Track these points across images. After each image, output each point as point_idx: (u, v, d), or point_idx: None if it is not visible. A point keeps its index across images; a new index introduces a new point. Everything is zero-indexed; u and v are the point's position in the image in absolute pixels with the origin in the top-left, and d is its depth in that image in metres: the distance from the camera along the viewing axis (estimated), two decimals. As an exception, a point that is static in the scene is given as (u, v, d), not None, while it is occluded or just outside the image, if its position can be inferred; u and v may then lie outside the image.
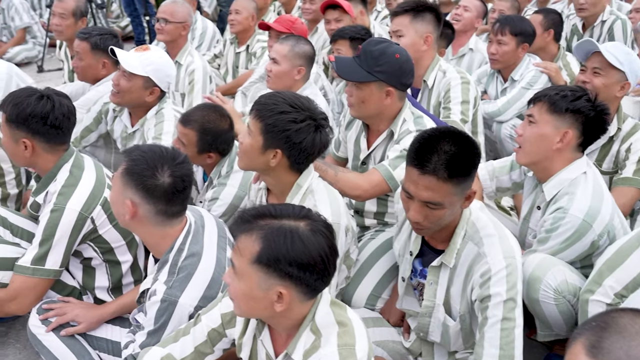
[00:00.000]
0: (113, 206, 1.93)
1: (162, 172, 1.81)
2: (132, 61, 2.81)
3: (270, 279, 1.46)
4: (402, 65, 2.40)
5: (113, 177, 1.91)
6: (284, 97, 2.07)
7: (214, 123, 2.52)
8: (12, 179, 3.15)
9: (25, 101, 2.23)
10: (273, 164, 2.06)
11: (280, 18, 3.88)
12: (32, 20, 6.64)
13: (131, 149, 1.89)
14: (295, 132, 2.01)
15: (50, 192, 2.30)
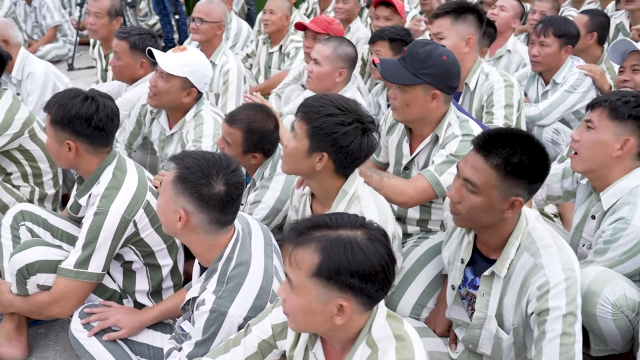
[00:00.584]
0: (162, 215, 1.89)
1: (217, 180, 1.77)
2: (169, 62, 2.78)
3: (331, 291, 1.41)
4: (449, 67, 2.34)
5: (162, 185, 1.87)
6: (331, 100, 2.02)
7: (260, 123, 2.47)
8: (50, 179, 3.15)
9: (70, 102, 2.21)
10: (318, 168, 2.02)
11: (317, 19, 3.82)
12: (63, 19, 6.68)
13: (182, 155, 1.84)
14: (343, 135, 1.97)
15: (94, 195, 2.28)
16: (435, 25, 2.93)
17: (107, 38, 4.16)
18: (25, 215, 2.54)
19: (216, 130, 2.89)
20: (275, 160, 2.59)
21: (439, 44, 2.42)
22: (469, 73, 3.00)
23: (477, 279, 2.00)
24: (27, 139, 3.00)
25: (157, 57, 2.78)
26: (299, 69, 4.12)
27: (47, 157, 3.10)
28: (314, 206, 2.23)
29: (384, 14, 4.10)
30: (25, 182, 3.09)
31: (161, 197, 1.87)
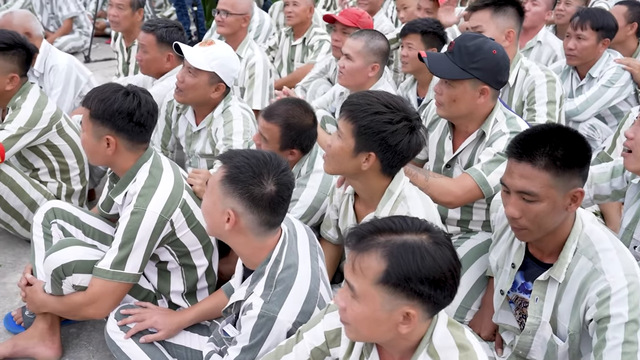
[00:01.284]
0: (208, 216, 1.82)
1: (268, 180, 1.71)
2: (197, 56, 2.71)
3: (397, 299, 1.35)
4: (499, 61, 2.26)
5: (209, 185, 1.81)
6: (378, 97, 1.95)
7: (298, 118, 2.40)
8: (77, 174, 3.11)
9: (112, 97, 2.16)
10: (365, 168, 1.96)
11: (346, 11, 3.74)
12: (79, 10, 6.60)
13: (230, 154, 1.77)
14: (391, 134, 1.90)
15: (130, 193, 2.22)
16: (474, 18, 2.85)
17: (129, 30, 4.10)
18: (57, 213, 2.49)
19: (246, 127, 2.83)
20: (313, 157, 2.53)
21: (487, 37, 2.33)
22: None
23: (529, 284, 1.93)
24: (54, 134, 2.94)
25: (185, 52, 2.71)
26: (325, 62, 4.04)
27: (74, 153, 3.05)
28: (357, 206, 2.16)
29: (425, 6, 3.97)
30: (52, 178, 3.03)
31: (207, 197, 1.80)
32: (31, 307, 2.35)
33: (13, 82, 2.84)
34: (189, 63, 2.72)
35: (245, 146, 2.80)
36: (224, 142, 2.80)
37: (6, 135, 2.75)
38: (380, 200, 2.03)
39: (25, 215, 2.93)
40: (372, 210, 2.08)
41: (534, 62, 2.94)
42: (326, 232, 2.42)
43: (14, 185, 2.84)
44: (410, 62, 3.41)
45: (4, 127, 2.77)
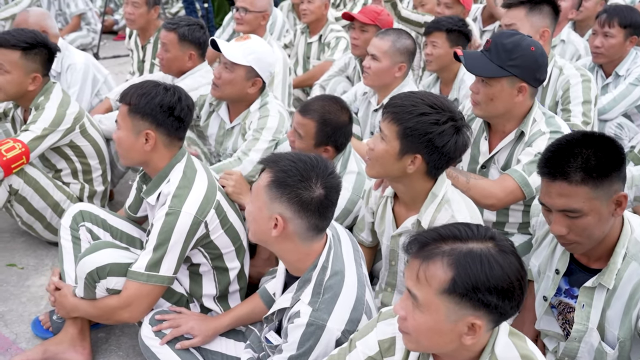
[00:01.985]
0: (254, 222, 1.77)
1: (317, 184, 1.66)
2: (233, 51, 2.67)
3: (463, 309, 1.31)
4: (538, 58, 2.23)
5: (254, 190, 1.76)
6: (422, 98, 1.91)
7: (334, 114, 2.36)
8: (99, 175, 3.06)
9: (152, 91, 2.13)
10: (410, 171, 1.92)
11: (365, 9, 3.69)
12: (87, 7, 6.54)
13: (275, 158, 1.73)
14: (438, 135, 1.86)
15: (164, 194, 2.18)
16: (508, 15, 2.80)
17: (144, 28, 4.05)
18: (85, 216, 2.45)
19: (280, 126, 2.78)
20: (346, 158, 2.49)
21: (524, 34, 2.29)
22: None
23: (574, 289, 1.89)
24: (78, 134, 2.90)
25: (221, 47, 2.66)
26: (343, 60, 3.99)
27: (97, 153, 3.00)
28: (397, 209, 2.12)
29: (445, 1, 3.94)
30: (75, 179, 2.99)
31: (253, 203, 1.76)
32: (61, 312, 2.31)
33: (35, 82, 2.79)
34: (225, 58, 2.68)
35: (272, 144, 2.76)
36: (253, 133, 2.75)
37: (31, 136, 2.71)
38: (424, 203, 1.99)
39: (48, 217, 2.89)
40: (413, 213, 2.04)
41: (567, 61, 2.89)
42: (359, 235, 2.38)
43: (38, 187, 2.79)
44: (434, 61, 3.36)
45: (28, 128, 2.73)
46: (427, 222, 1.98)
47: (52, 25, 3.63)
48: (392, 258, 2.19)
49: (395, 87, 3.05)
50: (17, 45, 2.72)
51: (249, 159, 2.69)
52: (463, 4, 4.02)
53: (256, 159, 2.68)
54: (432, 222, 1.98)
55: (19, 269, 2.92)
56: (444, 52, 3.33)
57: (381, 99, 3.11)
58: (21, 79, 2.76)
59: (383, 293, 2.26)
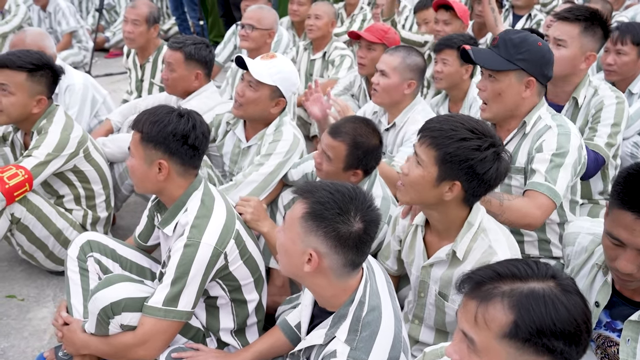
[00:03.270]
0: (285, 255, 1.66)
1: (355, 217, 1.56)
2: (260, 69, 2.58)
3: (525, 354, 1.20)
4: (545, 54, 2.24)
5: (287, 221, 1.64)
6: (462, 122, 1.82)
7: (365, 137, 2.27)
8: (103, 201, 2.94)
9: (165, 118, 2.02)
10: (448, 198, 1.83)
11: (371, 27, 3.61)
12: (78, 25, 6.41)
13: (310, 188, 1.62)
14: (480, 161, 1.77)
15: (181, 224, 2.06)
16: (559, 28, 2.66)
17: (144, 47, 3.95)
18: (93, 246, 2.32)
19: (291, 150, 2.68)
20: (372, 181, 2.40)
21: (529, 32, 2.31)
22: (577, 86, 2.73)
23: (617, 322, 1.81)
24: (81, 159, 2.77)
25: (248, 65, 2.57)
26: (349, 78, 3.92)
27: (100, 178, 2.88)
28: (428, 238, 2.02)
29: (443, 18, 3.91)
30: (77, 205, 2.86)
31: (285, 234, 1.64)
32: (70, 349, 2.17)
33: (40, 104, 2.68)
34: (251, 76, 2.58)
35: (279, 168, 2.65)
36: (260, 158, 2.66)
37: (34, 162, 2.58)
38: (459, 232, 1.90)
39: (50, 246, 2.75)
40: (447, 243, 1.94)
41: (602, 81, 2.82)
42: (384, 263, 2.28)
43: (40, 215, 2.66)
44: (445, 78, 3.30)
45: (31, 154, 2.60)
46: (463, 252, 1.89)
47: (50, 45, 3.51)
48: (421, 289, 2.08)
49: (406, 106, 2.97)
50: (23, 66, 2.60)
51: (247, 181, 2.60)
52: (461, 19, 3.98)
53: (255, 183, 2.59)
54: (468, 252, 1.89)
55: (19, 300, 2.77)
56: (454, 70, 3.27)
57: (392, 118, 3.03)
58: (25, 101, 2.65)
59: (410, 325, 2.16)
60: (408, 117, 2.96)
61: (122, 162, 3.09)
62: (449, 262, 1.92)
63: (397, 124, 2.98)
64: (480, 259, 1.85)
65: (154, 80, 4.02)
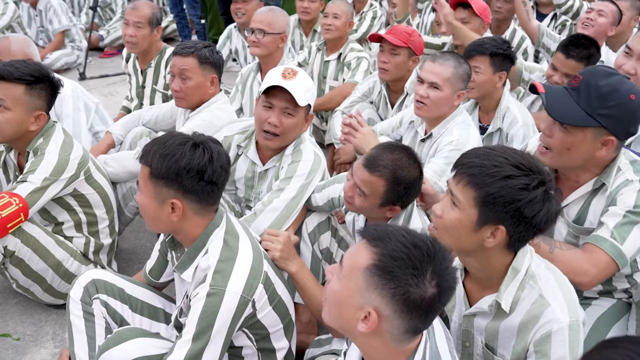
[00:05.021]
0: (336, 306, 1.36)
1: (431, 281, 1.28)
2: (296, 93, 2.28)
3: None
4: (636, 110, 1.83)
5: (346, 267, 1.34)
6: (505, 156, 1.53)
7: (406, 170, 1.98)
8: (106, 227, 2.65)
9: (177, 151, 1.72)
10: (490, 244, 1.54)
11: (395, 29, 3.32)
12: (71, 23, 6.08)
13: (381, 234, 1.31)
14: (528, 203, 1.48)
15: (202, 268, 1.78)
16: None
17: (146, 51, 3.64)
18: (99, 286, 2.05)
19: (313, 171, 2.40)
20: (409, 213, 2.12)
21: (624, 75, 1.91)
22: None
23: None
24: (82, 181, 2.48)
25: (293, 93, 2.26)
26: (367, 84, 3.63)
27: (103, 202, 2.59)
28: (468, 284, 1.74)
29: (460, 16, 3.64)
30: (78, 233, 2.57)
31: (341, 283, 1.34)
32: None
33: (39, 121, 2.39)
34: (287, 103, 2.29)
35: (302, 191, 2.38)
36: (279, 183, 2.39)
37: (29, 188, 2.28)
38: (503, 280, 1.62)
39: (49, 279, 2.47)
40: (490, 292, 1.66)
41: None
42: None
43: (37, 246, 2.36)
44: (477, 87, 3.02)
45: (26, 179, 2.30)
46: (509, 304, 1.61)
47: (35, 53, 3.20)
48: (465, 339, 1.81)
49: (447, 116, 2.70)
50: (22, 78, 2.31)
51: (269, 209, 2.33)
52: (481, 17, 3.70)
53: (277, 210, 2.32)
54: (516, 302, 1.60)
55: (14, 340, 2.49)
56: (487, 78, 2.99)
57: (429, 129, 2.76)
58: (23, 118, 2.35)
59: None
60: (446, 128, 2.69)
61: (125, 183, 2.81)
62: (494, 313, 1.65)
63: (434, 134, 2.71)
64: (531, 311, 1.57)
65: (157, 87, 3.73)
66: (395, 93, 3.49)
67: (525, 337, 1.56)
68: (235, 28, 4.79)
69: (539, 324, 1.53)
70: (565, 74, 3.07)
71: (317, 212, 2.48)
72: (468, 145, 2.58)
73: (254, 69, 3.62)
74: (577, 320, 1.54)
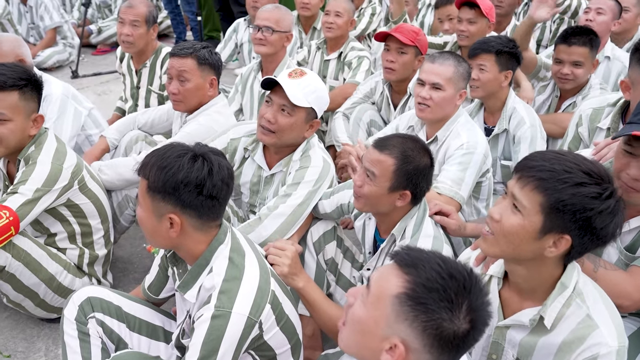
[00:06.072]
0: (357, 333, 1.25)
1: (466, 315, 1.17)
2: (295, 92, 2.19)
3: None
4: None
5: (373, 293, 1.22)
6: (576, 161, 1.43)
7: (416, 152, 1.96)
8: (101, 237, 2.54)
9: (175, 164, 1.61)
10: (551, 254, 1.45)
11: (401, 27, 3.21)
12: (62, 20, 5.92)
13: (413, 259, 1.20)
14: (599, 213, 1.38)
15: (206, 288, 1.68)
16: None
17: (143, 50, 3.52)
18: (94, 304, 1.93)
19: (322, 177, 2.30)
20: (420, 217, 2.03)
21: None
22: None
23: None
24: (76, 191, 2.36)
25: (285, 87, 2.17)
26: (369, 84, 3.52)
27: (98, 212, 2.47)
28: (506, 294, 1.64)
29: (467, 16, 3.53)
30: (72, 244, 2.45)
31: (367, 310, 1.23)
32: None
33: (37, 123, 2.29)
34: (284, 100, 2.20)
35: (310, 198, 2.28)
36: (286, 189, 2.29)
37: (20, 200, 2.15)
38: (550, 294, 1.52)
39: (41, 294, 2.35)
40: (530, 304, 1.57)
41: None
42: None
43: (28, 260, 2.24)
44: (482, 87, 2.92)
45: (17, 190, 2.17)
46: (552, 320, 1.52)
47: (27, 54, 3.06)
48: (493, 351, 1.71)
49: (450, 118, 2.60)
50: (15, 85, 2.19)
51: (274, 215, 2.22)
52: (487, 17, 3.59)
53: (282, 217, 2.23)
54: (559, 319, 1.51)
55: (5, 357, 2.37)
56: (493, 77, 2.90)
57: (432, 132, 2.65)
58: (23, 125, 2.24)
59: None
60: (451, 130, 2.58)
61: (121, 190, 2.69)
62: (532, 327, 1.56)
63: (439, 138, 2.60)
64: (576, 331, 1.48)
65: (152, 87, 3.60)
66: (398, 94, 3.39)
67: (566, 358, 1.48)
68: (245, 21, 4.66)
69: (585, 346, 1.45)
70: (573, 63, 3.10)
71: (323, 221, 2.38)
72: (479, 146, 2.50)
73: (255, 69, 3.50)
74: (624, 346, 1.47)
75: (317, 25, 4.54)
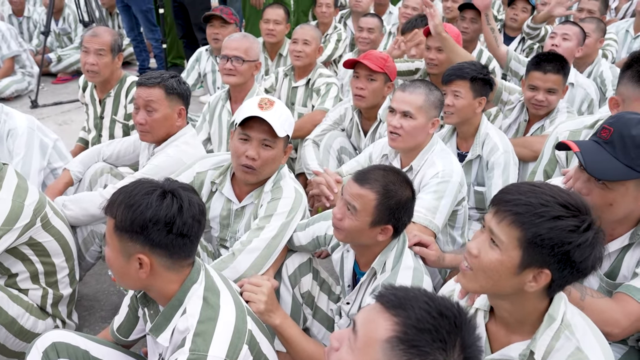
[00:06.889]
0: None
1: (457, 352, 1.12)
2: (277, 125, 2.15)
3: None
4: None
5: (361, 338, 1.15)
6: (551, 194, 1.41)
7: (398, 186, 1.92)
8: (65, 275, 2.43)
9: (143, 201, 1.54)
10: (531, 289, 1.43)
11: (369, 54, 3.21)
12: (21, 48, 5.78)
13: (401, 300, 1.13)
14: (578, 247, 1.37)
15: (180, 330, 1.60)
16: None
17: (108, 80, 3.43)
18: (60, 350, 1.84)
19: (294, 208, 2.25)
20: (400, 249, 2.00)
21: None
22: None
23: None
24: (39, 228, 2.25)
25: (272, 123, 2.13)
26: (338, 111, 3.50)
27: (62, 249, 2.36)
28: (493, 328, 1.61)
29: (435, 45, 3.54)
30: (35, 284, 2.32)
31: (356, 356, 1.16)
32: None
33: None
34: (265, 134, 2.16)
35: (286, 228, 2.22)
36: (259, 222, 2.23)
37: (-22, 241, 2.04)
38: (538, 328, 1.50)
39: (1, 339, 2.21)
40: (518, 338, 1.54)
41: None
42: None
43: (-13, 304, 2.12)
44: (456, 113, 2.92)
45: (-24, 230, 2.06)
46: (542, 354, 1.49)
47: None
48: None
49: (424, 147, 2.59)
50: None
51: (248, 249, 2.16)
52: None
53: (257, 251, 2.17)
54: (549, 352, 1.48)
55: (-38, 409, 2.23)
56: (467, 103, 2.91)
57: (407, 162, 2.63)
58: None
59: None
60: (426, 159, 2.57)
61: (86, 226, 2.58)
62: None
63: (414, 167, 2.58)
64: None
65: (117, 117, 3.51)
66: (368, 120, 3.38)
67: None
68: (207, 51, 4.61)
69: None
70: (548, 90, 3.09)
71: (298, 253, 2.32)
72: (454, 175, 2.49)
73: (223, 98, 3.45)
74: None
75: (282, 52, 4.53)
